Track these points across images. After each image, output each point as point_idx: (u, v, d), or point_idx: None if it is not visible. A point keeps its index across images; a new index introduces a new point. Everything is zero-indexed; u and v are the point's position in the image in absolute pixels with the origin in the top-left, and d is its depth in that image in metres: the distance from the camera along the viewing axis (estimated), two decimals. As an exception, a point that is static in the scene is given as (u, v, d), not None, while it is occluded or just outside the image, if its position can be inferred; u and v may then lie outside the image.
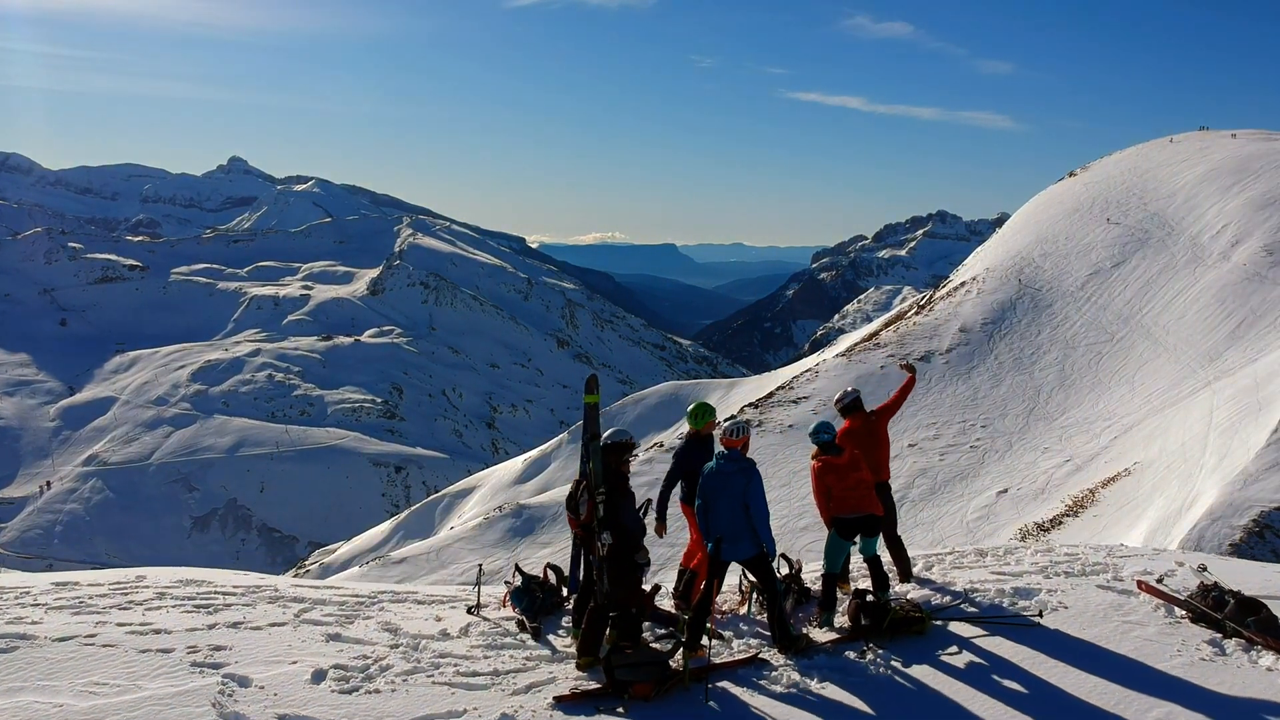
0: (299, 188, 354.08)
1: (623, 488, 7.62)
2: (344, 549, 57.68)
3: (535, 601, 8.69)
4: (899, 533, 9.32)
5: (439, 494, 64.34)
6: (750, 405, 46.35)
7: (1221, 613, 6.80)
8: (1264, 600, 6.90)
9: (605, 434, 7.87)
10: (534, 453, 61.83)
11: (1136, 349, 39.86)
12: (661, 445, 44.10)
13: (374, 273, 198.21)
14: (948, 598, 8.25)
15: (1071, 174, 61.32)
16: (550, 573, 9.30)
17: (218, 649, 7.48)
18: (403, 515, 61.14)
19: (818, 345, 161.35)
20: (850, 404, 9.40)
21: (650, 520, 8.10)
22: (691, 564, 8.84)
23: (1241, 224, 43.82)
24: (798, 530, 31.73)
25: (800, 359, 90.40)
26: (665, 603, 9.12)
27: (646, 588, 7.99)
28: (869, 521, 8.18)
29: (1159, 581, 7.66)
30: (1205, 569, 7.56)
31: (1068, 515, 29.02)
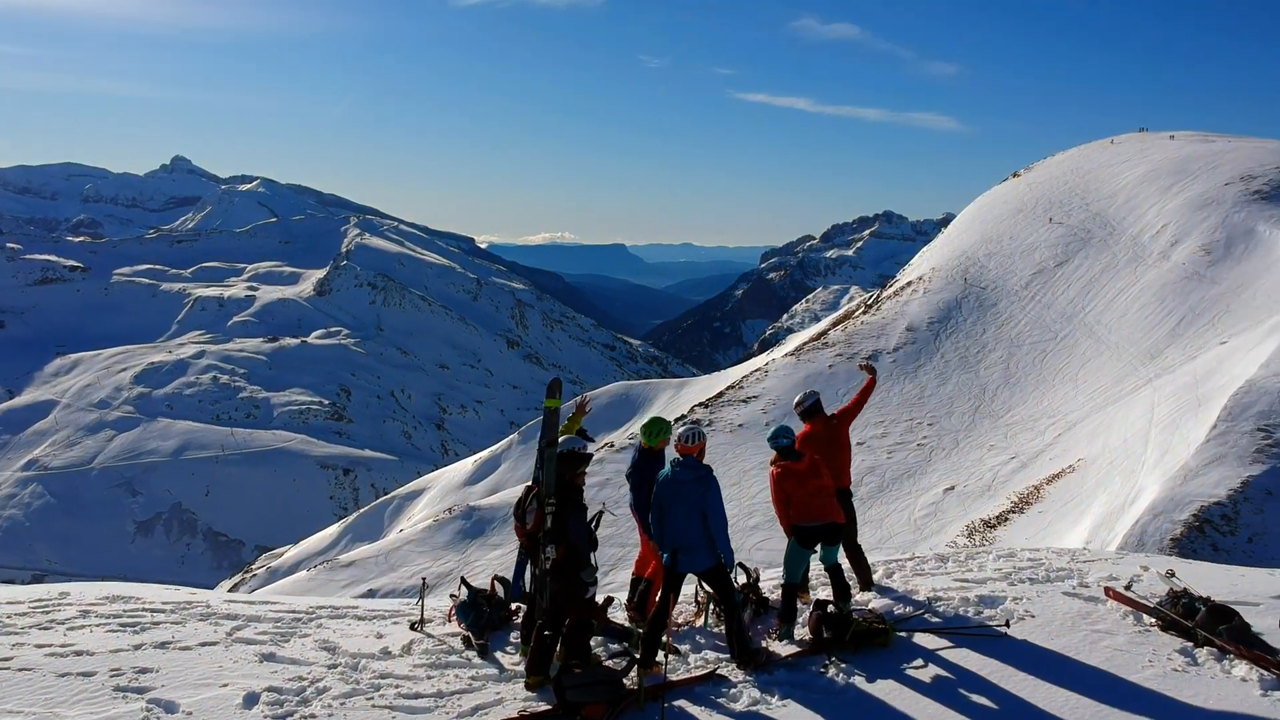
0: (244, 187, 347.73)
1: (574, 500, 7.25)
2: (291, 553, 56.94)
3: (482, 616, 8.28)
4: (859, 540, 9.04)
5: (388, 496, 63.70)
6: (700, 405, 46.31)
7: (1192, 621, 6.62)
8: (1233, 606, 6.76)
9: (560, 442, 7.52)
10: (484, 454, 61.34)
11: (1079, 347, 40.44)
12: (612, 445, 43.84)
13: (320, 273, 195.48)
14: (910, 608, 8.02)
15: (1015, 175, 62.18)
16: (498, 585, 8.92)
17: (143, 671, 7.03)
18: (351, 518, 60.49)
19: (767, 345, 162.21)
20: (811, 407, 9.04)
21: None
22: (645, 573, 8.51)
23: (1180, 224, 44.68)
24: (748, 529, 31.77)
25: (750, 358, 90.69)
26: (619, 615, 8.79)
27: (599, 600, 7.67)
28: (830, 529, 7.88)
29: (1127, 588, 7.47)
30: (1174, 574, 7.37)
31: (1013, 512, 29.30)
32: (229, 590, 55.07)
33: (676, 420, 44.72)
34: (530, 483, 7.79)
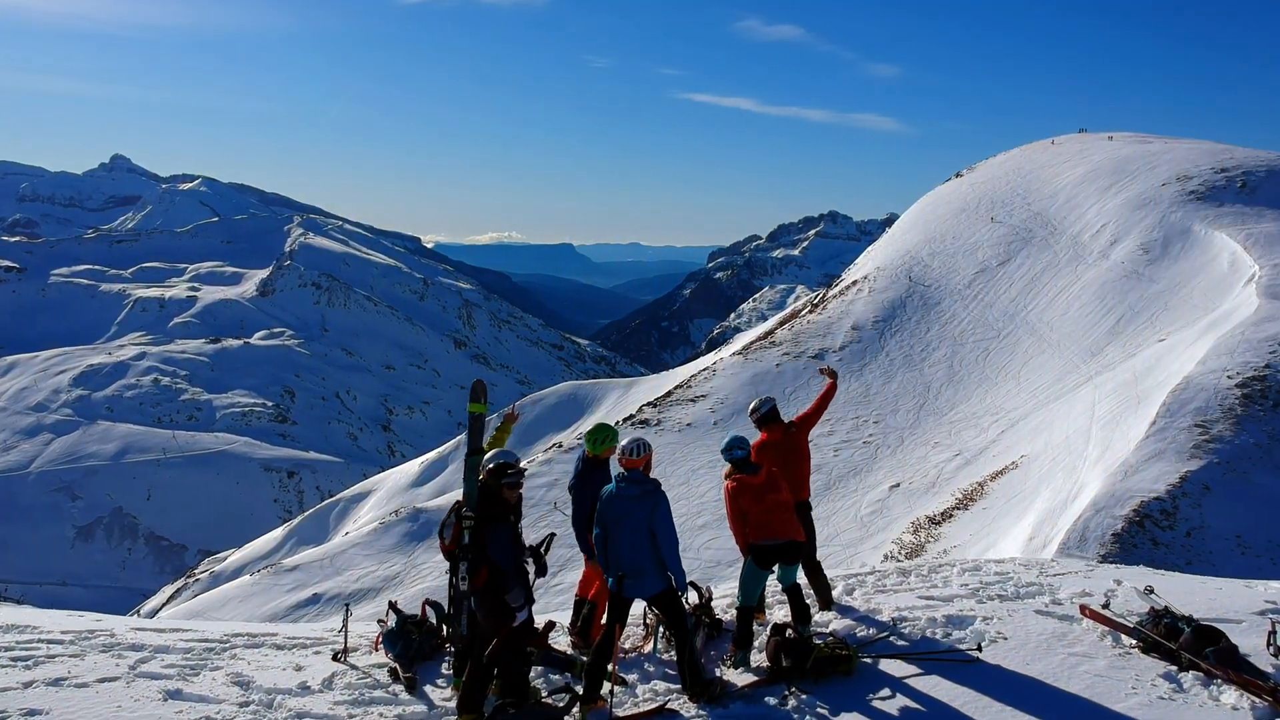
0: (185, 186, 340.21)
1: (498, 514, 6.59)
2: (235, 557, 56.28)
3: (411, 646, 7.60)
4: (819, 557, 8.45)
5: (333, 499, 62.95)
6: (649, 404, 46.09)
7: (1176, 642, 6.17)
8: (1216, 624, 6.37)
9: (490, 455, 6.91)
10: (431, 455, 60.75)
11: (1022, 345, 40.80)
12: (560, 446, 43.36)
13: (264, 273, 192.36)
14: (874, 630, 7.50)
15: (958, 175, 62.70)
16: (429, 610, 8.23)
17: (31, 714, 6.30)
18: (296, 521, 59.73)
19: (714, 344, 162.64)
20: (767, 414, 8.40)
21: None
22: (589, 594, 7.90)
23: (1120, 223, 45.29)
24: (696, 528, 31.63)
25: (697, 358, 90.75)
26: (562, 640, 8.17)
27: (540, 624, 7.07)
28: (790, 548, 7.30)
29: (1104, 606, 7.00)
30: (1152, 591, 6.93)
31: (958, 509, 29.40)
32: (171, 595, 53.76)
33: (624, 422, 44.34)
34: (460, 498, 7.14)
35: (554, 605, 24.98)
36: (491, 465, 6.80)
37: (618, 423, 44.77)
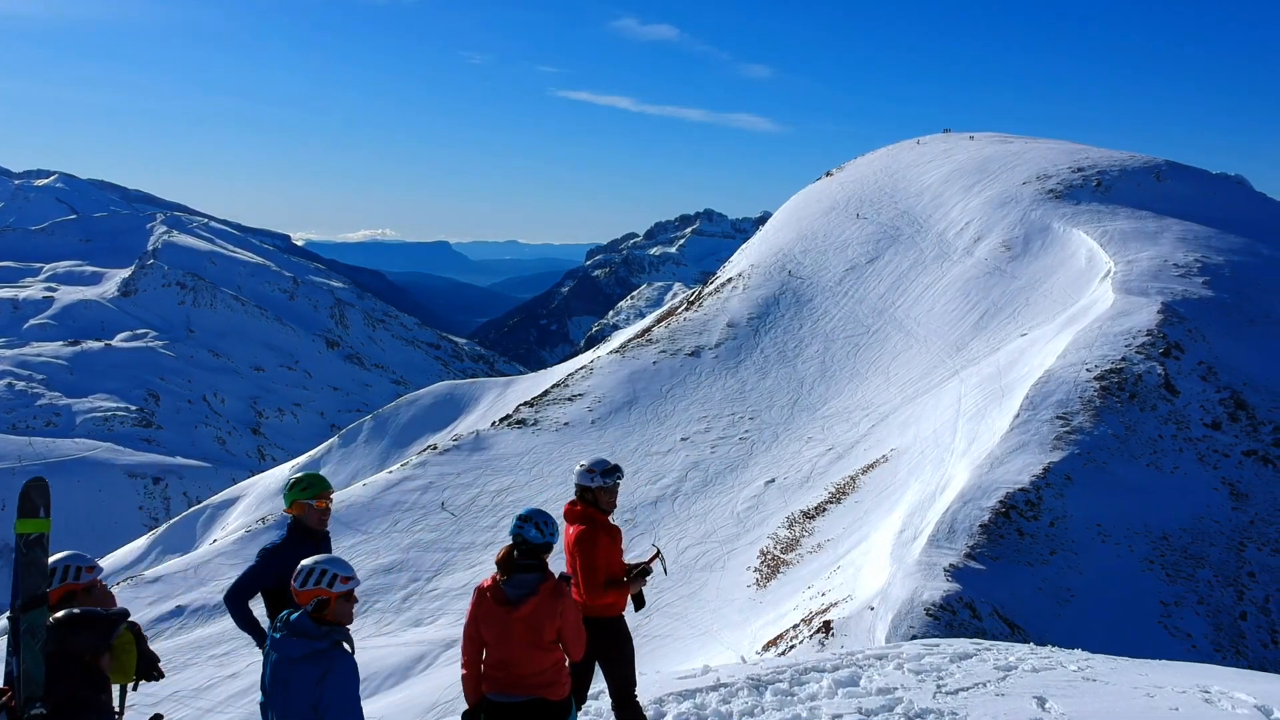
0: (40, 182, 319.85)
1: (95, 683, 4.28)
2: None
3: None
4: (636, 692, 6.04)
5: (200, 505, 59.97)
6: (526, 404, 45.38)
7: None
8: None
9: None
10: (302, 458, 58.71)
11: (890, 340, 41.62)
12: (435, 447, 42.22)
13: (125, 273, 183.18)
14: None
15: (828, 174, 63.71)
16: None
17: None
18: (160, 529, 56.66)
19: (593, 342, 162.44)
20: (612, 485, 5.96)
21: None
22: None
23: (983, 221, 46.68)
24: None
25: (576, 356, 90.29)
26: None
27: None
28: (534, 710, 4.78)
29: None
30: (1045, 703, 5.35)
31: (831, 503, 29.70)
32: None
33: (501, 422, 43.37)
34: (3, 684, 4.37)
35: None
36: (78, 612, 4.43)
37: (494, 424, 43.84)
